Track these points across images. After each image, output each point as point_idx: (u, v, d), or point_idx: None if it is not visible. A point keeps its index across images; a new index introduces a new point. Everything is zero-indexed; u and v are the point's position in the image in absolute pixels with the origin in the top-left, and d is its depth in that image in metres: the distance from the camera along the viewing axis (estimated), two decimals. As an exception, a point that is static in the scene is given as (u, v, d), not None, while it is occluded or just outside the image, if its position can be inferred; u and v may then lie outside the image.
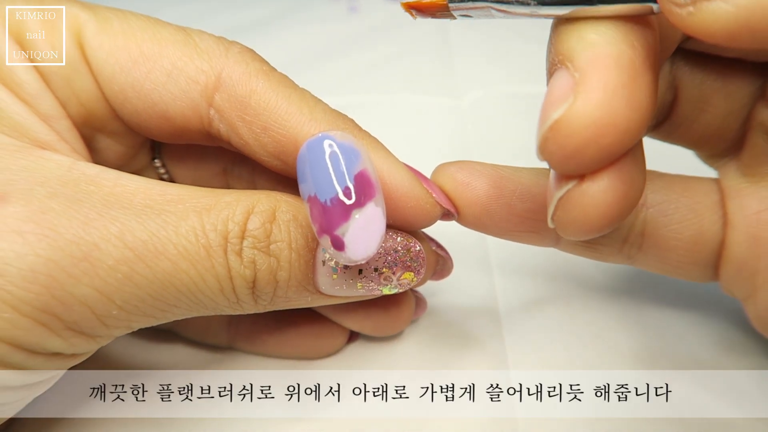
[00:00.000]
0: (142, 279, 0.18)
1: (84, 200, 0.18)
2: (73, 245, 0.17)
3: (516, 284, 0.31)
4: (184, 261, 0.18)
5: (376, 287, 0.21)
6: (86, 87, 0.20)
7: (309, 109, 0.21)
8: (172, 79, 0.20)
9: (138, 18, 0.21)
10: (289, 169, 0.21)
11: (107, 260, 0.17)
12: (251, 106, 0.20)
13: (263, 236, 0.19)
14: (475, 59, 0.52)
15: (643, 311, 0.29)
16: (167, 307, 0.19)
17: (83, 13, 0.20)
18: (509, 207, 0.22)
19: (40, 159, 0.18)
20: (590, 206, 0.17)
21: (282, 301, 0.21)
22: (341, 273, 0.20)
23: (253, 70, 0.21)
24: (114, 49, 0.20)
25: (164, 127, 0.21)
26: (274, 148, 0.21)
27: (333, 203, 0.18)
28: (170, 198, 0.19)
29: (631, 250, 0.24)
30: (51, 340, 0.17)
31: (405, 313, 0.26)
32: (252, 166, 0.26)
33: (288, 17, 0.59)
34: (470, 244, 0.33)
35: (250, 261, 0.19)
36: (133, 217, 0.18)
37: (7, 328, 0.16)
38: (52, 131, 0.20)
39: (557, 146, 0.16)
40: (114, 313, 0.18)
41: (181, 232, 0.18)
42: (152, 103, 0.21)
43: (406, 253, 0.21)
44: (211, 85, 0.20)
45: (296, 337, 0.26)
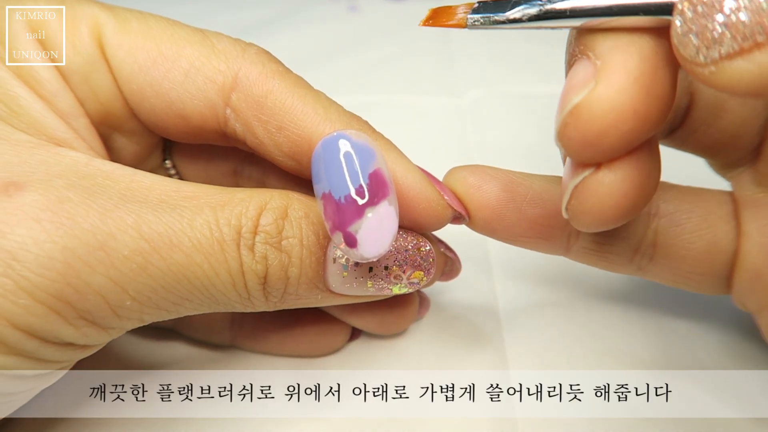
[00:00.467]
0: (157, 270, 0.18)
1: (101, 193, 0.18)
2: (90, 234, 0.17)
3: (516, 284, 0.31)
4: (198, 254, 0.18)
5: (386, 286, 0.21)
6: (105, 85, 0.21)
7: (324, 110, 0.21)
8: (190, 79, 0.21)
9: (156, 19, 0.21)
10: (303, 169, 0.21)
11: (123, 250, 0.17)
12: (267, 106, 0.21)
13: (275, 232, 0.19)
14: (476, 59, 0.52)
15: (643, 311, 0.29)
16: (180, 300, 0.19)
17: (103, 13, 0.21)
18: (520, 212, 0.23)
19: (57, 155, 0.19)
20: (606, 195, 0.17)
21: (292, 298, 0.21)
22: (352, 271, 0.20)
23: (270, 71, 0.21)
24: (133, 49, 0.20)
25: (180, 126, 0.22)
26: (289, 147, 0.21)
27: (347, 201, 0.18)
28: (185, 194, 0.19)
29: (642, 260, 0.24)
30: (64, 328, 0.17)
31: (409, 311, 0.27)
32: (263, 167, 0.26)
33: (288, 17, 0.59)
34: (471, 245, 0.33)
35: (262, 256, 0.19)
36: (149, 210, 0.18)
37: (22, 313, 0.16)
38: (69, 129, 0.20)
39: (577, 131, 0.16)
40: (127, 304, 0.18)
41: (196, 226, 0.18)
42: (170, 102, 0.21)
43: (417, 252, 0.21)
44: (228, 85, 0.21)
45: (299, 335, 0.26)
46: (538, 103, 0.45)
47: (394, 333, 0.27)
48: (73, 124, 0.20)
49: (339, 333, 0.27)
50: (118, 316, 0.18)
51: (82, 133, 0.20)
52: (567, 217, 0.19)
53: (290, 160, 0.21)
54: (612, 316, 0.28)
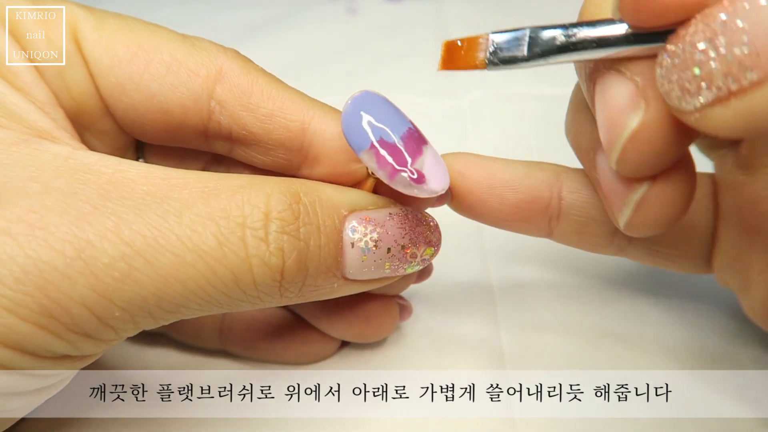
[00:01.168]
0: (143, 276, 0.16)
1: (79, 193, 0.17)
2: (66, 243, 0.16)
3: (514, 285, 0.31)
4: (189, 253, 0.17)
5: (401, 266, 0.21)
6: (79, 80, 0.20)
7: (309, 100, 0.22)
8: (172, 72, 0.20)
9: (134, 19, 0.21)
10: (291, 158, 0.22)
11: (102, 258, 0.16)
12: (254, 95, 0.21)
13: (291, 218, 0.18)
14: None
15: (643, 313, 0.29)
16: (174, 308, 0.17)
17: (81, 12, 0.20)
18: (501, 197, 0.23)
19: (35, 150, 0.18)
20: (669, 204, 0.18)
21: (310, 290, 0.20)
22: (371, 254, 0.20)
23: (251, 67, 0.21)
24: (112, 43, 0.20)
25: (159, 123, 0.21)
26: (280, 134, 0.21)
27: (406, 137, 0.18)
28: (173, 183, 0.18)
29: (621, 242, 0.24)
30: (55, 342, 0.16)
31: (389, 320, 0.26)
32: (227, 166, 0.25)
33: (286, 19, 0.59)
34: (468, 246, 0.33)
35: (278, 248, 0.18)
36: (132, 209, 0.17)
37: (7, 333, 0.16)
38: (49, 119, 0.19)
39: (637, 154, 0.17)
40: (117, 315, 0.17)
41: (185, 222, 0.17)
42: (150, 95, 0.20)
43: (428, 228, 0.21)
44: (212, 77, 0.21)
45: (288, 342, 0.26)
46: (537, 104, 0.45)
47: (374, 341, 0.27)
48: (52, 114, 0.19)
49: (329, 341, 0.26)
50: (110, 327, 0.17)
51: (61, 123, 0.19)
52: (624, 230, 0.20)
53: (280, 147, 0.21)
54: (612, 317, 0.28)
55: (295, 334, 0.26)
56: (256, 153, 0.22)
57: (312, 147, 0.22)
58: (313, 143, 0.22)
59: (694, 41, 0.14)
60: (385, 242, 0.20)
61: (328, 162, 0.22)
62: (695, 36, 0.14)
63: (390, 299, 0.26)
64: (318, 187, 0.20)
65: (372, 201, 0.21)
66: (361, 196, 0.21)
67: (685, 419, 0.24)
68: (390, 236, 0.20)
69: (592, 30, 0.17)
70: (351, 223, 0.20)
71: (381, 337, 0.27)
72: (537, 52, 0.17)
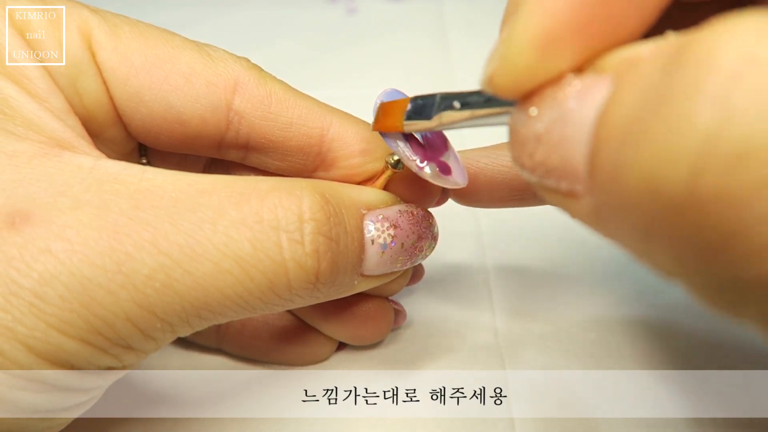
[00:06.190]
0: (182, 286, 0.16)
1: (111, 205, 0.17)
2: (105, 257, 0.16)
3: (513, 285, 0.31)
4: (226, 260, 0.17)
5: (409, 260, 0.22)
6: (92, 89, 0.20)
7: (325, 106, 0.22)
8: (191, 83, 0.20)
9: (146, 25, 0.21)
10: (307, 163, 0.23)
11: (142, 270, 0.16)
12: (273, 104, 0.21)
13: (324, 219, 0.18)
14: (475, 60, 0.52)
15: (643, 313, 0.29)
16: (211, 315, 0.17)
17: (93, 17, 0.20)
18: (492, 182, 0.24)
19: (59, 163, 0.17)
20: None
21: (335, 290, 0.20)
22: (389, 249, 0.21)
23: (266, 76, 0.22)
24: (128, 52, 0.20)
25: (176, 133, 0.21)
26: (300, 140, 0.22)
27: (434, 133, 0.20)
28: (201, 189, 0.18)
29: None
30: (101, 357, 0.16)
31: (384, 323, 0.26)
32: (226, 166, 0.25)
33: (286, 20, 0.59)
34: (467, 246, 0.33)
35: (314, 249, 0.18)
36: (166, 218, 0.17)
37: (56, 351, 0.15)
38: (67, 127, 0.19)
39: None
40: (158, 326, 0.17)
41: (220, 229, 0.17)
42: (169, 106, 0.20)
43: (429, 224, 0.22)
44: (230, 88, 0.21)
45: (284, 343, 0.26)
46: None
47: (369, 344, 0.27)
48: (68, 122, 0.19)
49: (326, 342, 0.26)
50: (152, 338, 0.17)
51: (79, 131, 0.19)
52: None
53: (298, 153, 0.22)
54: (612, 318, 0.29)
55: (293, 335, 0.26)
56: (272, 159, 0.23)
57: (330, 151, 0.22)
58: (332, 148, 0.22)
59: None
60: (399, 238, 0.21)
61: (345, 164, 0.23)
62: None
63: (386, 301, 0.26)
64: (338, 188, 0.20)
65: (383, 199, 0.22)
66: (374, 194, 0.22)
67: (685, 419, 0.24)
68: (403, 232, 0.21)
69: (480, 96, 0.17)
70: (369, 221, 0.20)
71: (376, 340, 0.27)
72: (439, 118, 0.18)
